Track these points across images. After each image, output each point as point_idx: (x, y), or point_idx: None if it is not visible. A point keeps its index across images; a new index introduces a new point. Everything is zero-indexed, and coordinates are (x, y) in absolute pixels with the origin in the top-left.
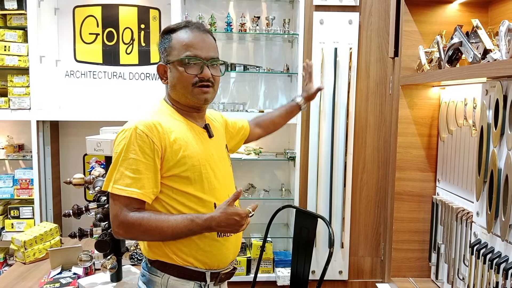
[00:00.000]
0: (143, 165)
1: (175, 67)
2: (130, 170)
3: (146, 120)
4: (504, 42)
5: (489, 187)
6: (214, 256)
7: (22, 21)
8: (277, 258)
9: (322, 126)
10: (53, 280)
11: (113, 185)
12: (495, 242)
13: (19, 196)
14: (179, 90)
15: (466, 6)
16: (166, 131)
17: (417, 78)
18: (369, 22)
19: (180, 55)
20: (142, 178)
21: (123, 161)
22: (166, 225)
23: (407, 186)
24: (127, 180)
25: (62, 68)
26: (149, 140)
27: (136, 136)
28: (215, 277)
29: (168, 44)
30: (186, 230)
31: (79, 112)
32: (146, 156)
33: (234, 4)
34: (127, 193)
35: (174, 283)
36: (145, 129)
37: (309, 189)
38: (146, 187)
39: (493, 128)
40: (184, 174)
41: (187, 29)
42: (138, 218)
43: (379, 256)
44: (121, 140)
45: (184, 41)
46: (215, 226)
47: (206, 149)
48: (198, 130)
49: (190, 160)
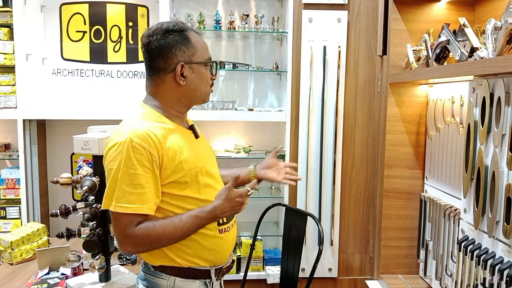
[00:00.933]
0: (143, 178)
1: (199, 68)
2: (131, 186)
3: (139, 131)
4: (490, 40)
5: (476, 184)
6: (218, 252)
7: (8, 19)
8: (267, 256)
9: (311, 124)
10: (40, 280)
11: (116, 203)
12: (482, 238)
13: (5, 196)
14: (198, 90)
15: (453, 5)
16: (160, 139)
17: (405, 76)
18: (358, 21)
19: (205, 56)
20: (146, 192)
21: (123, 177)
22: (173, 228)
23: (396, 183)
24: (130, 197)
25: (49, 66)
26: (146, 152)
27: (133, 150)
28: (218, 272)
29: (188, 44)
30: (194, 227)
31: (66, 111)
32: (145, 169)
33: (222, 2)
34: (132, 211)
35: (181, 283)
36: (140, 141)
37: (298, 187)
38: (150, 200)
39: (480, 125)
40: (182, 179)
41: (192, 32)
42: (145, 230)
43: (368, 253)
44: (117, 155)
45: (201, 43)
46: (220, 214)
47: (197, 151)
48: (185, 132)
49: (187, 164)
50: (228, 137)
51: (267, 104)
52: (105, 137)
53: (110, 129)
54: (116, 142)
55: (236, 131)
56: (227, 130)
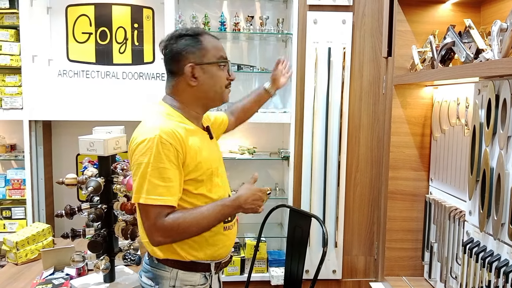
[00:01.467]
0: (171, 172)
1: (210, 68)
2: (161, 180)
3: (167, 128)
4: (496, 42)
5: (482, 186)
6: (220, 248)
7: (14, 20)
8: (271, 257)
9: (316, 125)
10: (45, 281)
11: (146, 196)
12: (487, 240)
13: (11, 196)
14: (212, 90)
15: (458, 6)
16: (183, 138)
17: (410, 77)
18: (363, 22)
19: (217, 56)
20: (173, 186)
21: (153, 171)
22: (201, 217)
23: (400, 185)
24: (160, 190)
25: (55, 67)
26: (173, 148)
27: (162, 146)
28: (217, 266)
29: (199, 46)
30: (220, 215)
31: (71, 112)
32: (172, 164)
33: (228, 4)
34: (162, 202)
35: (182, 275)
36: (169, 138)
37: (303, 188)
38: (177, 193)
39: (486, 127)
40: (200, 177)
41: (210, 37)
42: (175, 220)
43: (373, 255)
44: (146, 150)
45: (215, 44)
46: (243, 203)
47: (211, 151)
48: (202, 132)
49: (205, 164)
50: (233, 138)
51: (271, 105)
52: (110, 138)
53: (116, 130)
54: (145, 138)
55: (240, 132)
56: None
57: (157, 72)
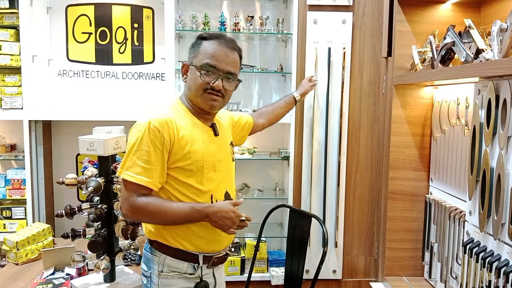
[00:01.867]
0: (153, 157)
1: (195, 70)
2: (141, 160)
3: (160, 117)
4: (496, 42)
5: (482, 186)
6: (208, 241)
7: (14, 20)
8: (271, 257)
9: (316, 125)
10: (45, 280)
11: (125, 171)
12: (487, 241)
13: (11, 196)
14: (192, 90)
15: (458, 6)
16: (176, 128)
17: (410, 77)
18: (363, 22)
19: (202, 61)
20: (152, 169)
21: (136, 152)
22: (169, 210)
23: (400, 185)
24: (138, 169)
25: (55, 67)
26: (160, 135)
27: (149, 131)
28: (207, 260)
29: (197, 48)
30: (186, 216)
31: (71, 112)
32: (156, 149)
33: (227, 4)
34: (136, 180)
35: (170, 262)
36: (158, 125)
37: (303, 188)
38: (154, 177)
39: (486, 127)
40: (188, 167)
41: (216, 41)
42: (145, 203)
43: (373, 255)
44: (136, 133)
45: (209, 51)
46: (211, 214)
47: (210, 146)
48: (205, 128)
49: (194, 155)
50: None
51: None
52: (110, 138)
53: (115, 130)
54: (139, 123)
55: None
56: None
57: (157, 72)
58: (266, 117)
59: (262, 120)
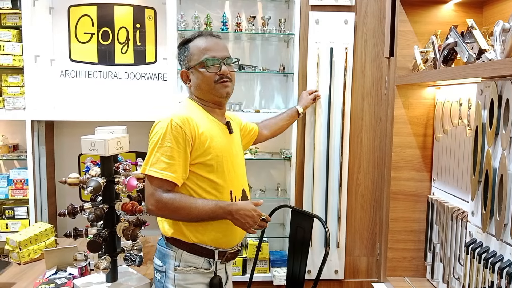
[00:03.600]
0: (176, 152)
1: (197, 70)
2: (165, 156)
3: (180, 114)
4: (498, 42)
5: (484, 187)
6: (224, 237)
7: (17, 20)
8: (273, 258)
9: (318, 126)
10: (48, 280)
11: (150, 168)
12: (490, 241)
13: (13, 196)
14: (203, 88)
15: (461, 6)
16: (196, 124)
17: (413, 78)
18: (365, 22)
19: (200, 58)
20: (175, 164)
21: (160, 148)
22: (194, 206)
23: (403, 185)
24: (162, 165)
25: (57, 67)
26: (182, 132)
27: (172, 127)
28: (222, 255)
29: (187, 53)
30: (211, 212)
31: (74, 112)
32: (179, 145)
33: (229, 4)
34: (162, 176)
35: (187, 257)
36: (179, 122)
37: (304, 188)
38: (178, 172)
39: (488, 127)
40: (209, 162)
41: (201, 37)
42: (171, 198)
43: (375, 256)
44: (158, 130)
45: (201, 46)
46: (234, 211)
47: (227, 143)
48: (221, 125)
49: (214, 150)
50: None
51: (273, 105)
52: (111, 139)
53: (118, 130)
54: (160, 120)
55: None
56: None
57: (159, 72)
58: (269, 129)
59: (266, 132)
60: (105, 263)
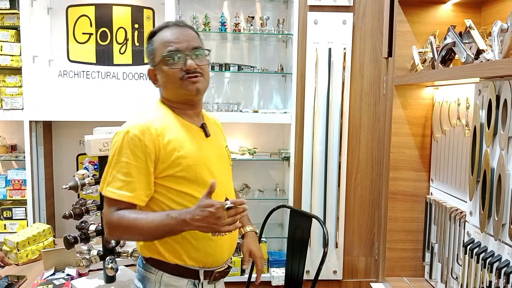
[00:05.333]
0: (134, 168)
1: (161, 67)
2: (121, 174)
3: (139, 123)
4: (496, 43)
5: (482, 187)
6: (209, 255)
7: (15, 21)
8: (272, 258)
9: (316, 126)
10: (46, 281)
11: (106, 187)
12: (488, 241)
13: (11, 197)
14: (169, 88)
15: (459, 7)
16: (159, 133)
17: (411, 78)
18: (363, 23)
19: (162, 53)
20: (133, 182)
21: (116, 164)
22: (144, 222)
23: (401, 185)
24: (118, 183)
25: (55, 68)
26: (141, 144)
27: (128, 140)
28: (209, 275)
29: (151, 48)
30: (162, 225)
31: (72, 112)
32: (138, 159)
33: (228, 4)
34: (118, 196)
35: (168, 280)
36: (138, 132)
37: (303, 189)
38: (138, 190)
39: (486, 128)
40: (180, 174)
41: (166, 29)
42: (119, 218)
43: (373, 256)
44: (114, 143)
45: (163, 39)
46: (189, 219)
47: (202, 149)
48: (195, 129)
49: (185, 160)
50: (233, 139)
51: (272, 106)
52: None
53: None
54: (118, 131)
55: (241, 132)
56: (232, 132)
57: None
58: None
59: None
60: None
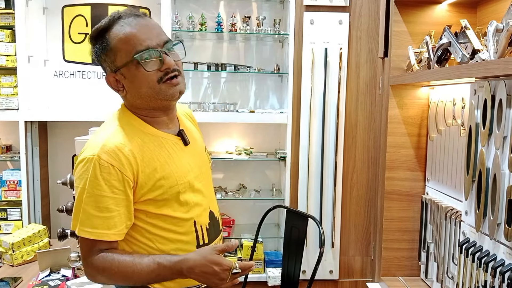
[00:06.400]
0: (112, 201)
1: (129, 71)
2: (97, 209)
3: (110, 145)
4: (492, 43)
5: (478, 186)
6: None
7: (10, 21)
8: (268, 258)
9: (313, 126)
10: (41, 282)
11: (80, 227)
12: (483, 241)
13: (6, 197)
14: (145, 94)
15: (454, 7)
16: (134, 154)
17: (407, 78)
18: (359, 23)
19: (130, 54)
20: (113, 216)
21: (88, 199)
22: (130, 270)
23: (397, 185)
24: (95, 221)
25: (51, 68)
26: (116, 171)
27: (100, 168)
28: None
29: (107, 48)
30: (155, 276)
31: (68, 113)
32: (114, 190)
33: (224, 4)
34: (95, 236)
35: None
36: (110, 158)
37: (299, 189)
38: (118, 225)
39: (481, 127)
40: (161, 197)
41: (121, 22)
42: (102, 263)
43: (369, 256)
44: (83, 173)
45: (126, 36)
46: (186, 270)
47: (182, 163)
48: (172, 140)
49: (167, 181)
50: (230, 139)
51: (268, 106)
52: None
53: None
54: (84, 157)
55: (237, 132)
56: (229, 132)
57: None
58: None
59: None
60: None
